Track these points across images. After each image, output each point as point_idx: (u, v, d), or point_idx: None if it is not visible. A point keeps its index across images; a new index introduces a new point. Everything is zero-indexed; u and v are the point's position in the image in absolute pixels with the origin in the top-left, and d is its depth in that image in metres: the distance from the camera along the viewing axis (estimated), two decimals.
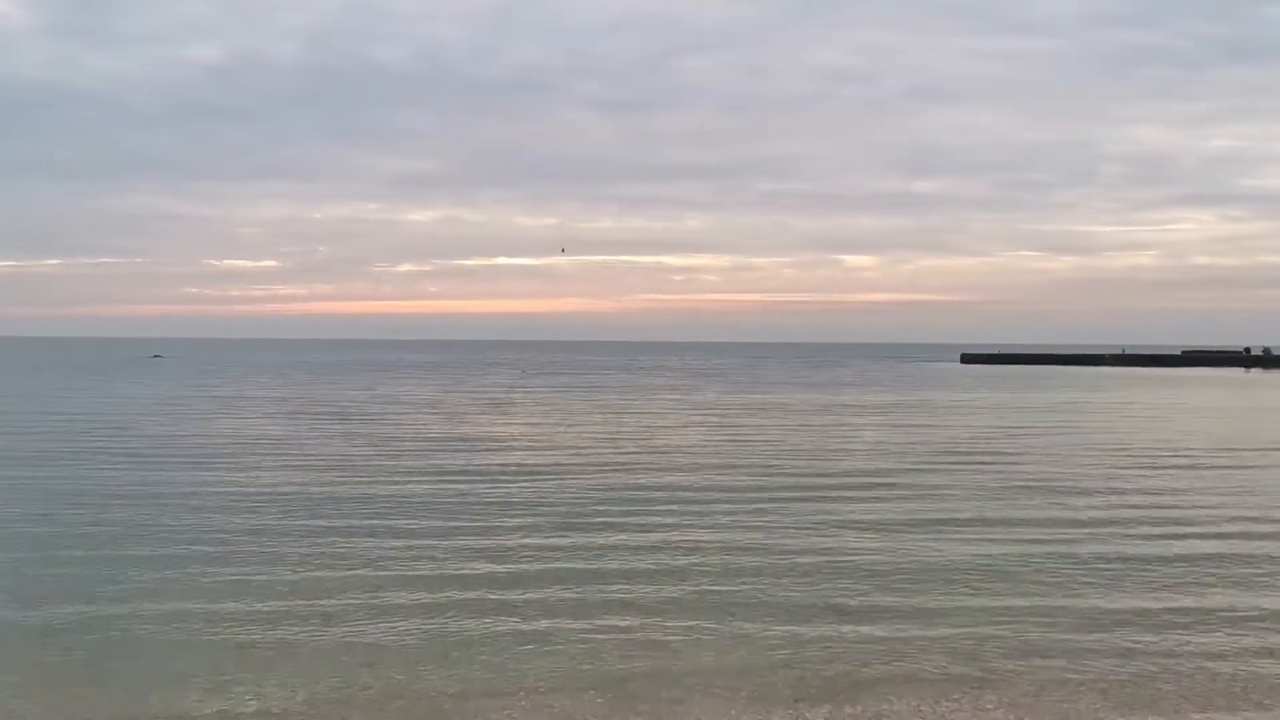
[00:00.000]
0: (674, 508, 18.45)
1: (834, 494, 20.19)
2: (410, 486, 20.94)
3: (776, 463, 25.41)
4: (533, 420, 39.02)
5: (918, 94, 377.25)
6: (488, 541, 15.35)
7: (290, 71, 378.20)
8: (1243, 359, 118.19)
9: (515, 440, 31.11)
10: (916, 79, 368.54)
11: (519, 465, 24.76)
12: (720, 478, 22.62)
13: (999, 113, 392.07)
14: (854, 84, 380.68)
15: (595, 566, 13.76)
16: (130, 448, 27.77)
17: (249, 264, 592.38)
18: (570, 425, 36.64)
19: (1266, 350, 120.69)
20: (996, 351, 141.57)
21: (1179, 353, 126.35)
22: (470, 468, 24.16)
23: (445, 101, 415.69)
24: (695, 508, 18.43)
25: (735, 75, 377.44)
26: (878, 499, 19.57)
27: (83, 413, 40.35)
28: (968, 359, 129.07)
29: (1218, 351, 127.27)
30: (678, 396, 56.06)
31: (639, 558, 14.31)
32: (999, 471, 23.97)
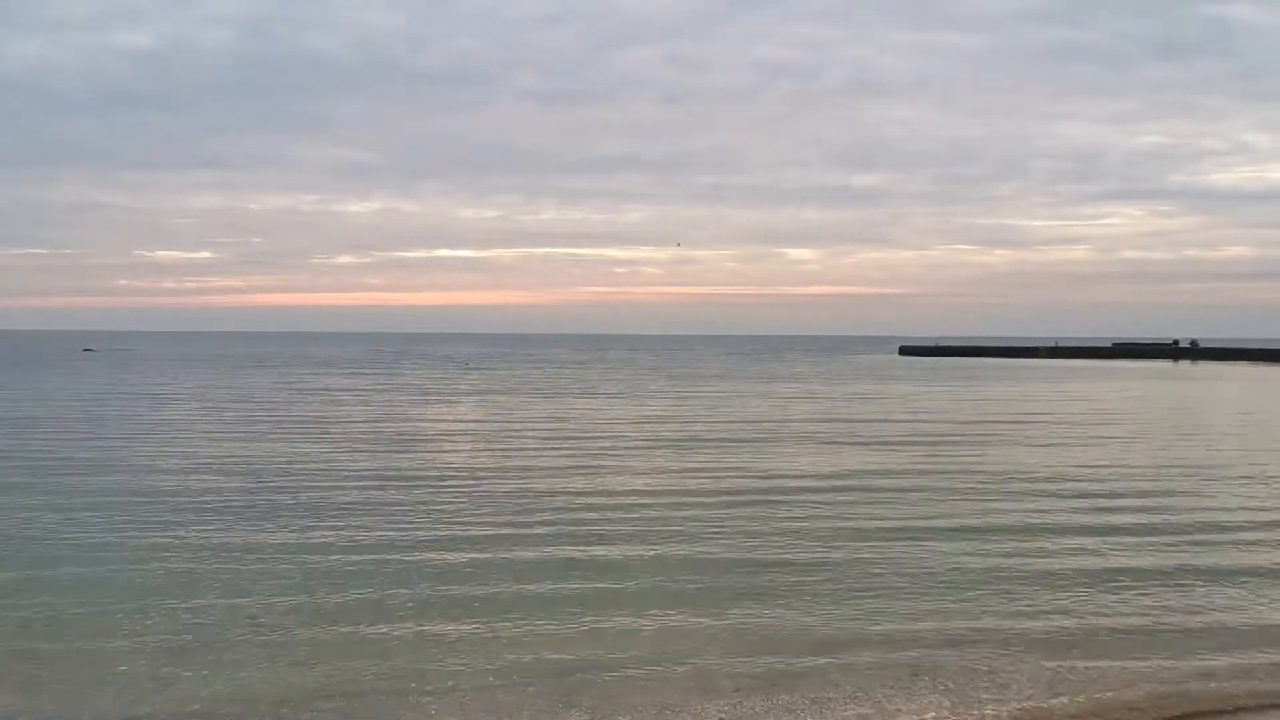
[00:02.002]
0: (610, 503, 18.48)
1: (771, 493, 20.33)
2: (340, 483, 20.74)
3: (716, 460, 25.57)
4: (469, 416, 38.84)
5: (856, 88, 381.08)
6: (423, 537, 15.25)
7: (223, 60, 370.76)
8: (1171, 351, 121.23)
9: (451, 437, 30.95)
10: (854, 73, 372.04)
11: (453, 462, 24.65)
12: (658, 474, 22.70)
13: (935, 108, 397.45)
14: (793, 78, 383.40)
15: (531, 561, 13.73)
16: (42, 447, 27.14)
17: (183, 255, 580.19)
18: (507, 421, 36.52)
19: (1194, 342, 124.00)
20: (933, 344, 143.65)
21: (1110, 345, 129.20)
22: (403, 465, 23.99)
23: (382, 92, 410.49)
24: (632, 504, 18.46)
25: (673, 68, 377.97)
26: (816, 497, 19.76)
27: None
28: (906, 351, 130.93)
29: (1147, 344, 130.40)
30: (616, 390, 56.14)
31: (575, 551, 14.31)
32: (937, 468, 24.36)
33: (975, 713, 8.60)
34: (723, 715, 8.49)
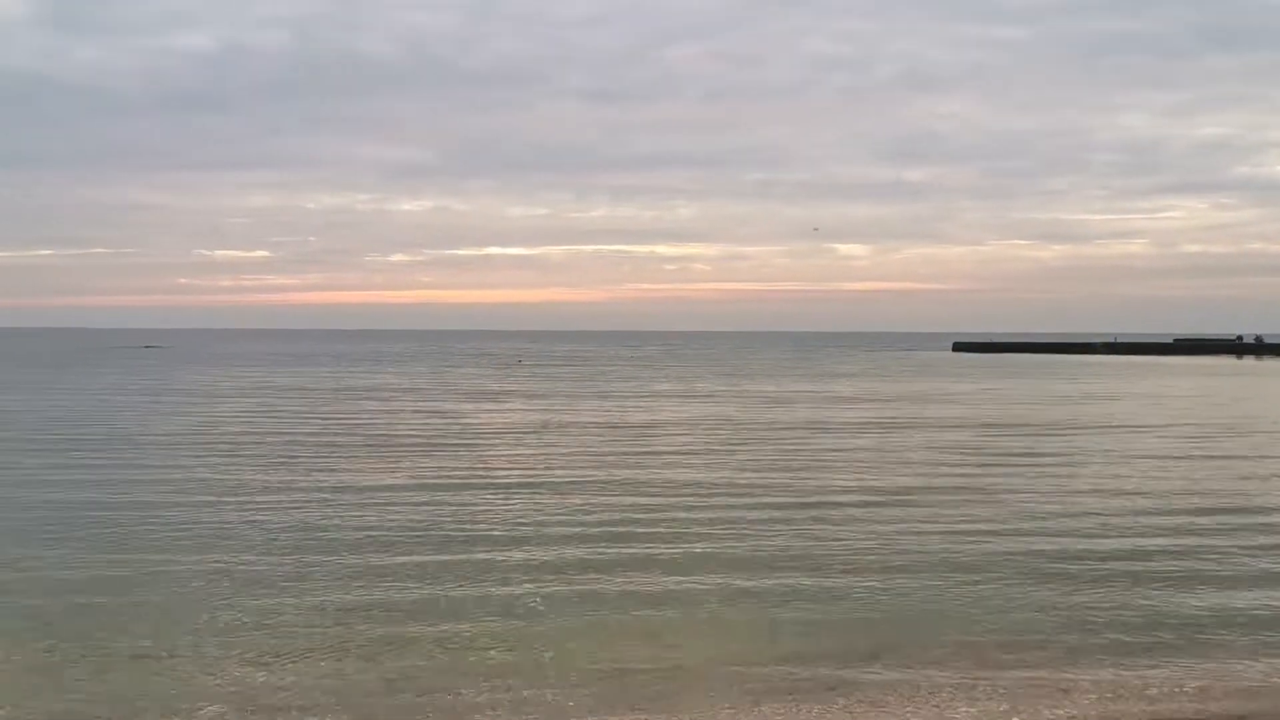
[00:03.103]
0: (661, 505, 18.39)
1: (826, 497, 20.15)
2: (391, 484, 20.88)
3: (775, 461, 25.42)
4: (518, 417, 38.94)
5: (907, 82, 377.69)
6: (474, 532, 15.29)
7: (278, 61, 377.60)
8: (1235, 346, 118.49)
9: (499, 438, 31.05)
10: (905, 66, 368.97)
11: (500, 465, 24.71)
12: (708, 477, 22.58)
13: (987, 100, 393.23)
14: (843, 72, 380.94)
15: (584, 559, 13.71)
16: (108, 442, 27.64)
17: (240, 254, 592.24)
18: (556, 421, 36.57)
19: (1259, 338, 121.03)
20: (988, 340, 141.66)
21: (1171, 340, 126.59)
22: (451, 466, 24.09)
23: (433, 92, 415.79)
24: (683, 507, 18.36)
25: (722, 64, 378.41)
26: (872, 506, 19.56)
27: (71, 407, 40.18)
28: (959, 347, 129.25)
29: (1210, 339, 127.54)
30: (665, 389, 56.08)
31: (629, 550, 14.25)
32: (998, 474, 24.01)
33: (1037, 718, 8.42)
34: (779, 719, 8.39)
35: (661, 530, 15.64)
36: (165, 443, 27.07)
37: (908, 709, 8.60)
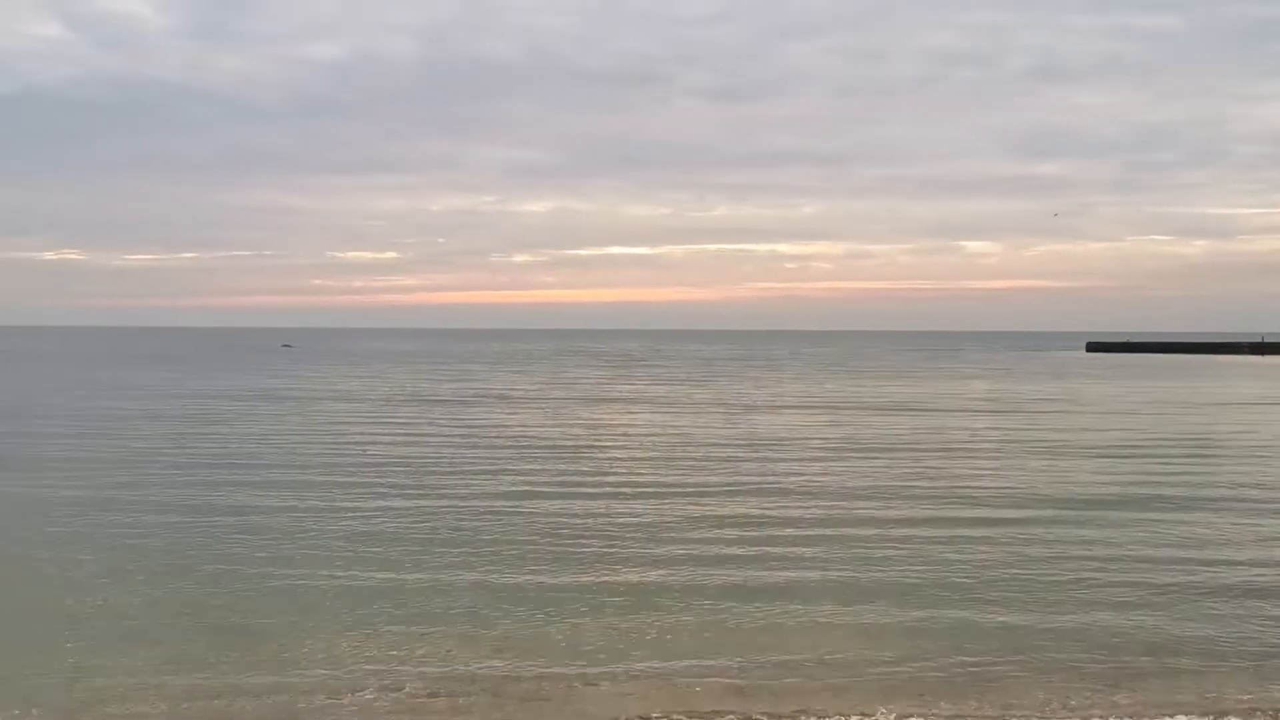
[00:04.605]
0: (792, 509, 18.36)
1: (957, 489, 19.83)
2: (509, 490, 21.29)
3: (906, 460, 25.11)
4: (640, 422, 39.22)
5: (1037, 74, 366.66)
6: (607, 522, 15.54)
7: (407, 67, 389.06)
8: None
9: (621, 443, 31.33)
10: (1035, 59, 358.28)
11: (625, 471, 24.93)
12: (840, 479, 22.44)
13: (1123, 92, 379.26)
14: (969, 65, 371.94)
15: (713, 552, 13.81)
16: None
17: (371, 256, 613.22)
18: (690, 418, 36.72)
19: None
20: (1124, 340, 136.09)
21: None
22: (574, 471, 24.41)
23: (555, 93, 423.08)
24: (816, 500, 18.32)
25: (845, 59, 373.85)
26: (1006, 494, 19.18)
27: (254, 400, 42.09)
28: (1093, 348, 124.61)
29: None
30: (795, 389, 55.69)
31: (757, 542, 14.28)
32: (1142, 482, 23.23)
33: None
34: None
35: (787, 531, 15.60)
36: (306, 454, 28.23)
37: (1041, 712, 8.47)
